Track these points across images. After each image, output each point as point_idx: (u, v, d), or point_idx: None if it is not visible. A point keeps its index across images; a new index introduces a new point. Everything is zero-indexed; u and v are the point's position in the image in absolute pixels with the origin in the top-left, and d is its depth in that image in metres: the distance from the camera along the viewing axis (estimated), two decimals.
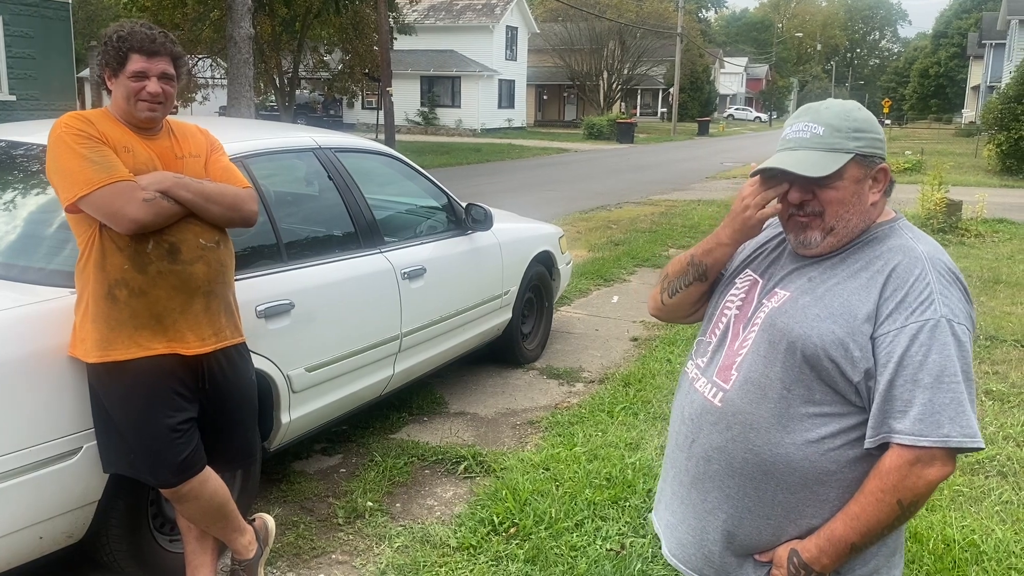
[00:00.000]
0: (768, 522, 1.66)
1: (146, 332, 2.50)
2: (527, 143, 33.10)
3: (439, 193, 4.82)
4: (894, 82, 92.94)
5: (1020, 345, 6.12)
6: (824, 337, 1.57)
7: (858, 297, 1.59)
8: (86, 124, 2.46)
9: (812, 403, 1.61)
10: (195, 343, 2.58)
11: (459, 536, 3.37)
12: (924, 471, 1.50)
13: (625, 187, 17.95)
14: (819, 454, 1.60)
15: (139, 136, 2.56)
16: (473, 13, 42.30)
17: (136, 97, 2.49)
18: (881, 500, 1.53)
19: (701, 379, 1.77)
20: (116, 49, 2.48)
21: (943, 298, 1.54)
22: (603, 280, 8.43)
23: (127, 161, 2.46)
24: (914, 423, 1.50)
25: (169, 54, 2.55)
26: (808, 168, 1.61)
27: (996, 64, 39.03)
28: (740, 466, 1.66)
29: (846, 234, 1.66)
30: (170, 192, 2.47)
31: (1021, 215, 13.27)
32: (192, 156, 2.67)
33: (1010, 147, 20.56)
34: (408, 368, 4.30)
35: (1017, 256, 9.83)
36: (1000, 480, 3.97)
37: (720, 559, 1.73)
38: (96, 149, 2.42)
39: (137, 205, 2.40)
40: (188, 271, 2.55)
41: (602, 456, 4.08)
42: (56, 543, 2.67)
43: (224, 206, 2.61)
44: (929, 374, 1.50)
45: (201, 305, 2.59)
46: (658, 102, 61.19)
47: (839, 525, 1.58)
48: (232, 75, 14.10)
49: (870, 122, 1.66)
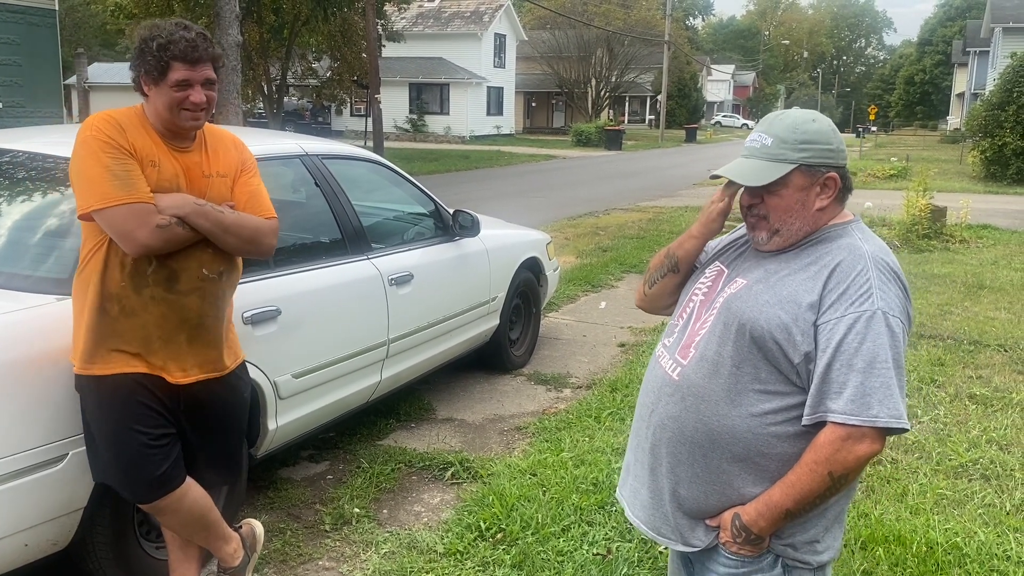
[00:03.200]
0: (713, 487, 1.81)
1: (128, 352, 2.43)
2: (515, 150, 33.14)
3: (426, 200, 4.84)
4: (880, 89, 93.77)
5: (1003, 350, 6.18)
6: (771, 321, 1.72)
7: (804, 287, 1.73)
8: (117, 131, 2.35)
9: (758, 380, 1.75)
10: (176, 373, 2.50)
11: (446, 542, 3.38)
12: (854, 447, 1.64)
13: (613, 194, 18.01)
14: (761, 427, 1.75)
15: (169, 147, 2.45)
16: (461, 21, 42.38)
17: (180, 107, 2.38)
18: (814, 471, 1.67)
19: (665, 356, 1.93)
20: (157, 59, 2.35)
21: (881, 292, 1.69)
22: (591, 286, 8.45)
23: (151, 176, 2.37)
24: (847, 403, 1.64)
25: (210, 58, 2.43)
26: (748, 177, 1.80)
27: (980, 71, 39.33)
28: (690, 434, 1.81)
29: (790, 236, 1.82)
30: (188, 219, 2.38)
31: (1005, 221, 13.40)
32: (220, 176, 2.55)
33: (994, 154, 20.76)
34: (395, 374, 4.30)
35: (1001, 262, 9.92)
36: (983, 483, 4.00)
37: (674, 519, 1.87)
38: (121, 162, 2.32)
39: (149, 231, 2.31)
40: (181, 302, 2.46)
41: (589, 461, 4.09)
42: (41, 550, 2.66)
43: (241, 238, 2.50)
44: (863, 360, 1.64)
45: (185, 337, 2.49)
46: (646, 109, 61.43)
47: (776, 492, 1.73)
48: (219, 82, 14.07)
49: (822, 133, 1.79)
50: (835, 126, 1.84)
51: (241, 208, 2.55)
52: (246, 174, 2.63)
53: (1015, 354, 6.07)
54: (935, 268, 9.31)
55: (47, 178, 3.19)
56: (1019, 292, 8.25)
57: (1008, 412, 4.90)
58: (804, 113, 1.84)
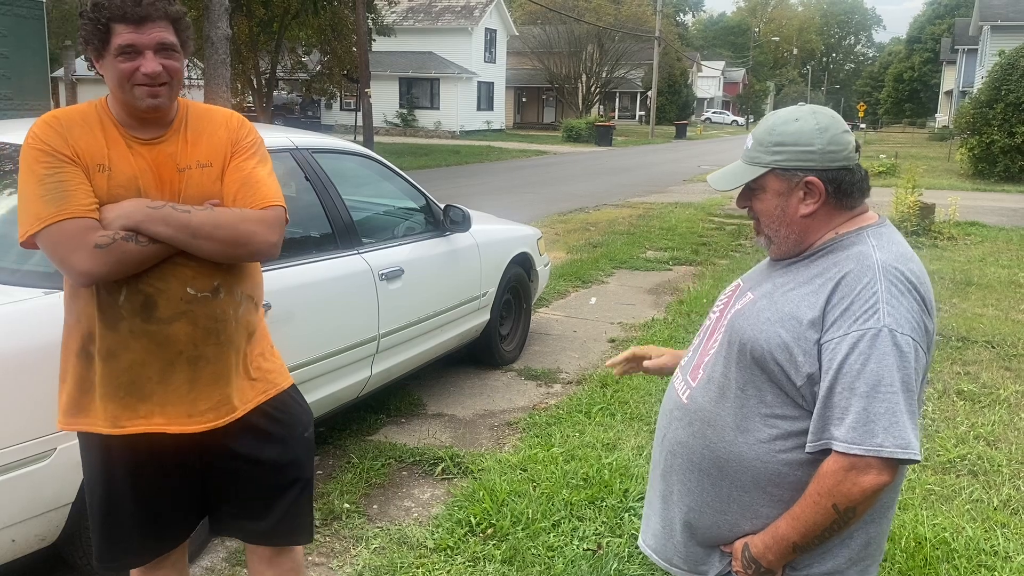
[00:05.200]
0: (725, 517, 1.71)
1: (114, 404, 1.99)
2: (506, 145, 33.12)
3: (417, 194, 4.82)
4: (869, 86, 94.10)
5: (991, 346, 6.21)
6: (771, 340, 1.61)
7: (806, 303, 1.61)
8: (54, 134, 1.91)
9: (764, 404, 1.64)
10: (181, 420, 2.02)
11: (436, 537, 3.37)
12: (859, 478, 1.51)
13: (603, 189, 18.02)
14: (770, 455, 1.64)
15: (135, 141, 1.98)
16: (452, 15, 42.27)
17: (131, 82, 1.90)
18: (818, 503, 1.55)
19: (679, 377, 1.84)
20: (93, 21, 1.88)
21: (889, 307, 1.54)
22: (581, 282, 8.45)
23: (100, 184, 1.91)
24: (849, 431, 1.51)
25: (164, 16, 1.92)
26: (719, 181, 1.73)
27: (968, 69, 39.53)
28: (698, 461, 1.72)
29: (782, 243, 1.71)
30: (141, 228, 1.87)
31: (992, 218, 13.48)
32: (200, 166, 2.02)
33: (982, 151, 20.88)
34: (386, 369, 4.29)
35: (989, 258, 9.98)
36: (971, 479, 4.03)
37: (686, 549, 1.78)
38: (54, 172, 1.87)
39: (86, 253, 1.82)
40: (164, 332, 1.96)
41: (579, 457, 4.09)
42: (29, 546, 2.65)
43: (220, 241, 1.93)
44: (866, 383, 1.51)
45: (184, 376, 2.00)
46: (636, 105, 61.48)
47: (783, 523, 1.62)
48: (208, 76, 14.00)
49: (801, 134, 1.65)
50: (830, 125, 1.67)
51: (230, 201, 2.01)
52: (239, 156, 2.07)
53: (1002, 350, 6.10)
54: (923, 264, 9.32)
55: None
56: (1006, 289, 8.30)
57: (995, 408, 4.93)
58: (788, 112, 1.71)
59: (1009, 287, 8.39)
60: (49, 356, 2.56)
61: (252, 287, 2.15)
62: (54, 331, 2.59)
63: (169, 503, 2.14)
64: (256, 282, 2.19)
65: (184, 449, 2.07)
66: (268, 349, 2.24)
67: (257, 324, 2.19)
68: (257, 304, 2.19)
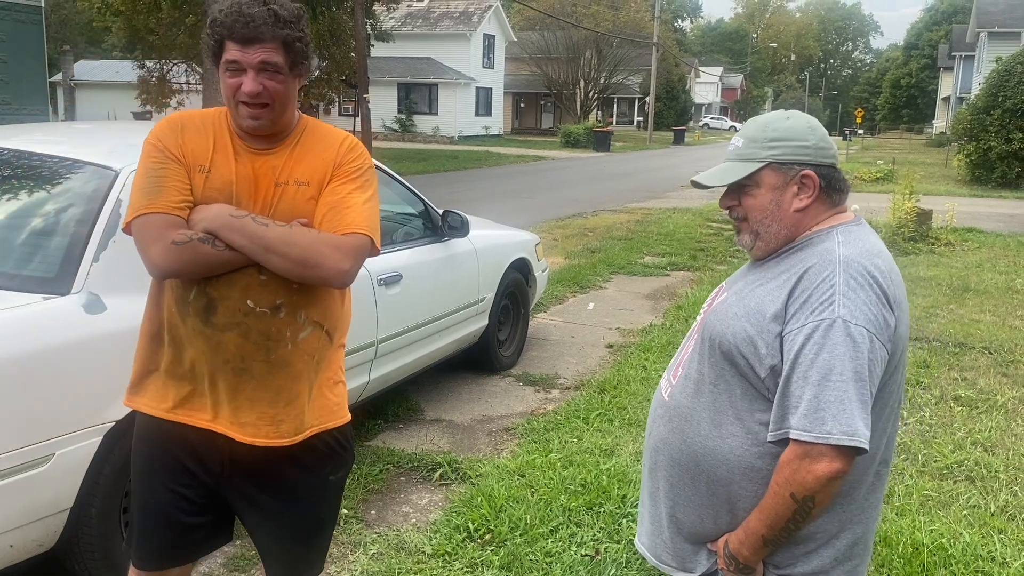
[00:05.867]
0: (707, 511, 1.74)
1: (173, 390, 2.04)
2: (504, 151, 33.15)
3: (415, 200, 4.83)
4: (867, 92, 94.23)
5: (988, 352, 6.22)
6: (737, 335, 1.67)
7: (770, 297, 1.67)
8: (170, 132, 2.00)
9: (735, 398, 1.69)
10: (225, 424, 2.03)
11: (434, 543, 3.37)
12: (812, 466, 1.54)
13: (601, 195, 18.04)
14: (743, 448, 1.68)
15: (245, 148, 2.01)
16: (451, 21, 42.36)
17: (235, 98, 1.94)
18: (778, 493, 1.59)
19: (664, 377, 1.90)
20: (210, 36, 1.95)
21: (845, 299, 1.58)
22: (579, 287, 8.47)
23: (196, 185, 1.96)
24: (801, 419, 1.55)
25: (274, 38, 1.91)
26: (713, 178, 1.75)
27: (966, 76, 39.65)
28: (678, 457, 1.76)
29: (771, 239, 1.75)
30: (219, 234, 1.90)
31: (990, 224, 13.51)
32: (298, 184, 2.00)
33: (979, 157, 20.91)
34: (384, 375, 4.30)
35: (986, 264, 10.00)
36: (968, 485, 4.03)
37: (673, 545, 1.81)
38: (158, 166, 1.95)
39: (162, 248, 1.87)
40: (217, 338, 1.98)
41: (577, 462, 4.10)
42: (27, 551, 2.64)
43: (290, 259, 1.90)
44: (818, 372, 1.55)
45: (227, 385, 2.00)
46: (634, 111, 61.56)
47: (752, 518, 1.65)
48: (207, 81, 14.06)
49: (795, 130, 1.72)
50: (817, 125, 1.76)
51: (317, 223, 1.98)
52: (338, 180, 2.03)
53: (1000, 356, 6.11)
54: (921, 271, 9.37)
55: (33, 176, 3.16)
56: (1004, 295, 8.32)
57: (993, 414, 4.94)
58: (779, 112, 1.79)
59: (1006, 293, 8.41)
60: (49, 362, 2.58)
61: (323, 315, 2.08)
62: (54, 336, 2.60)
63: (191, 508, 2.10)
64: (331, 312, 2.11)
65: (216, 453, 2.06)
66: (333, 383, 2.18)
67: (326, 355, 2.12)
68: (330, 334, 2.12)
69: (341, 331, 2.19)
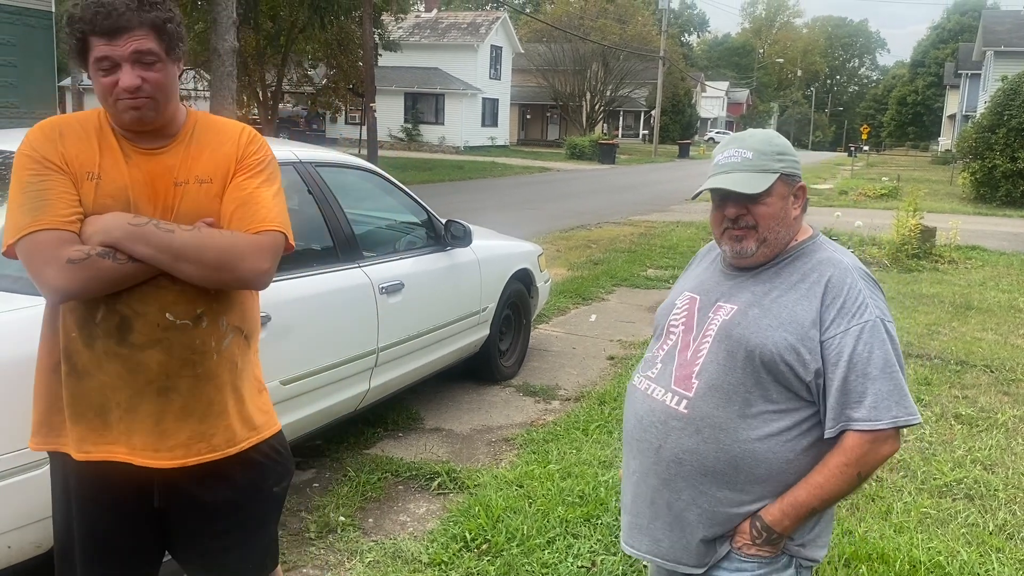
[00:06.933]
0: (739, 511, 1.85)
1: (83, 426, 1.87)
2: (509, 161, 33.23)
3: (419, 209, 4.85)
4: (872, 109, 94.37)
5: (990, 370, 6.21)
6: (779, 344, 1.79)
7: (801, 307, 1.81)
8: (47, 140, 1.81)
9: (770, 401, 1.82)
10: (146, 453, 1.87)
11: (431, 552, 3.37)
12: (880, 448, 1.75)
13: (605, 207, 18.07)
14: (779, 445, 1.81)
15: (134, 150, 1.87)
16: (458, 32, 42.54)
17: (112, 96, 1.79)
18: (844, 472, 1.76)
19: (657, 388, 1.93)
20: (71, 35, 1.79)
21: (873, 301, 1.81)
22: (581, 299, 8.47)
23: (87, 194, 1.79)
24: (870, 411, 1.74)
25: (142, 24, 1.77)
26: (744, 186, 1.84)
27: (972, 94, 39.71)
28: (712, 464, 1.84)
29: (776, 244, 1.89)
30: (119, 246, 1.74)
31: (993, 242, 13.50)
32: (199, 182, 1.88)
33: (984, 175, 20.93)
34: (384, 383, 4.30)
35: (989, 283, 9.98)
36: (967, 503, 4.02)
37: (696, 548, 1.89)
38: (39, 179, 1.76)
39: (58, 268, 1.70)
40: (136, 358, 1.83)
41: (576, 474, 4.09)
42: (24, 553, 2.65)
43: (204, 265, 1.79)
44: (876, 367, 1.75)
45: (151, 408, 1.86)
46: (640, 124, 61.70)
47: (802, 492, 1.79)
48: (215, 88, 14.09)
49: (788, 147, 1.92)
50: None
51: (226, 222, 1.87)
52: (242, 174, 1.91)
53: (1001, 375, 6.10)
54: (924, 288, 9.36)
55: None
56: (1006, 313, 8.31)
57: (993, 432, 4.93)
58: (767, 131, 1.98)
59: (1009, 312, 8.40)
60: None
61: (241, 318, 1.97)
62: None
63: (125, 542, 1.97)
64: (247, 314, 2.00)
65: (146, 486, 1.92)
66: (257, 391, 2.06)
67: (247, 361, 2.01)
68: (248, 338, 2.00)
69: (256, 334, 2.08)
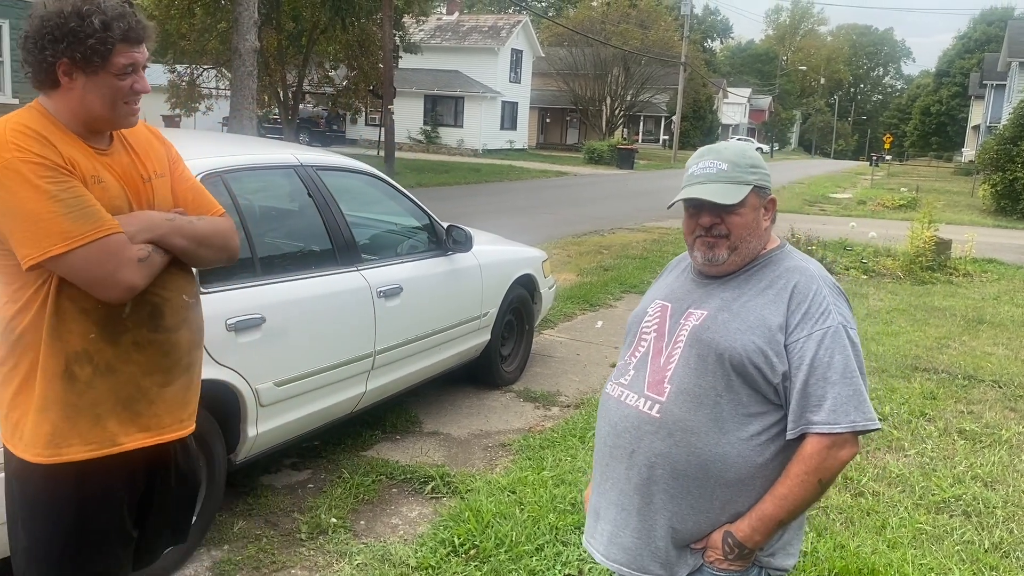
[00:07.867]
0: (708, 516, 1.86)
1: (113, 421, 1.92)
2: (527, 165, 33.23)
3: (420, 213, 4.87)
4: (896, 118, 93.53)
5: (998, 386, 6.15)
6: (747, 347, 1.83)
7: (769, 311, 1.86)
8: (44, 146, 1.79)
9: (740, 405, 1.85)
10: (173, 427, 2.04)
11: (419, 556, 3.38)
12: (839, 453, 1.78)
13: (620, 213, 18.03)
14: (750, 449, 1.84)
15: (95, 151, 1.92)
16: (479, 35, 42.61)
17: (123, 98, 1.89)
18: (806, 481, 1.78)
19: (630, 395, 1.95)
20: (101, 40, 1.82)
21: (836, 308, 1.86)
22: (589, 305, 8.46)
23: (100, 197, 1.84)
24: (828, 414, 1.77)
25: (150, 36, 1.95)
26: (720, 196, 1.90)
27: (996, 105, 39.34)
28: (684, 468, 1.86)
29: (746, 253, 1.95)
30: (163, 242, 1.91)
31: (1011, 256, 13.34)
32: (159, 176, 2.03)
33: (1005, 188, 20.72)
34: (382, 386, 4.32)
35: (1003, 297, 9.88)
36: (964, 520, 3.99)
37: (666, 554, 1.90)
38: (66, 185, 1.78)
39: (133, 268, 1.82)
40: (172, 340, 1.99)
41: (569, 481, 4.09)
42: None
43: (215, 248, 2.04)
44: (836, 372, 1.79)
45: (183, 383, 2.04)
46: (660, 129, 61.51)
47: (768, 506, 1.81)
48: (235, 87, 14.20)
49: (760, 160, 1.97)
50: None
51: (190, 209, 2.07)
52: (176, 166, 2.13)
53: (1009, 391, 6.04)
54: (936, 300, 9.28)
55: None
56: (1019, 328, 8.21)
57: (996, 449, 4.88)
58: (741, 143, 2.06)
59: (1022, 326, 8.30)
60: None
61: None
62: None
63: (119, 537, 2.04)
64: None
65: (136, 471, 2.02)
66: None
67: None
68: None
69: None
